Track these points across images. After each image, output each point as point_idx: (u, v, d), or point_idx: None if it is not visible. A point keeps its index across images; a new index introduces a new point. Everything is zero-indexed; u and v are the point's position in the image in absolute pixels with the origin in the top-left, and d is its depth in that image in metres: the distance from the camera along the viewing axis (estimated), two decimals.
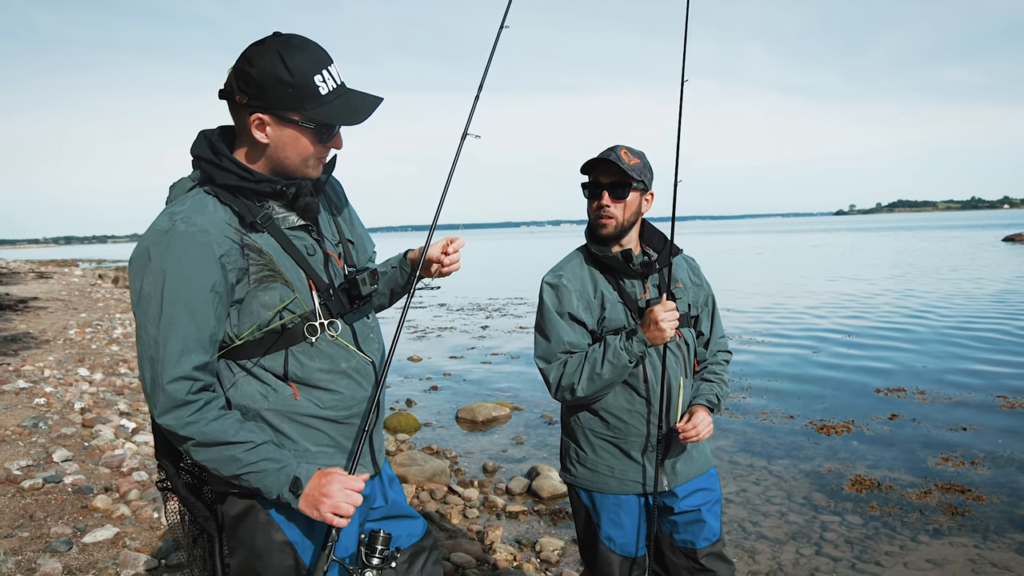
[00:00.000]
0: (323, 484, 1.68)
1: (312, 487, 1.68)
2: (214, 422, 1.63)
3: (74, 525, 4.27)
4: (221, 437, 1.63)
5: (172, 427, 1.62)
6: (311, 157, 1.75)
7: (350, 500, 1.67)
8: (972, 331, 11.72)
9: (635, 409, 2.42)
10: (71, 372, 8.85)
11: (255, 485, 1.67)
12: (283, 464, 1.68)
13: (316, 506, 1.66)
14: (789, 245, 50.36)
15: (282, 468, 1.68)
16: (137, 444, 5.99)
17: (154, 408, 1.62)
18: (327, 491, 1.66)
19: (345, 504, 1.66)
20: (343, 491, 1.67)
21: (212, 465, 1.66)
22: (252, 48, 1.66)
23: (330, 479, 1.69)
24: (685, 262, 2.61)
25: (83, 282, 27.34)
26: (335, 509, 1.66)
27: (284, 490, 1.67)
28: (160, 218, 1.65)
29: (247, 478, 1.66)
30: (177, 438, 1.64)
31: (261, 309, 1.70)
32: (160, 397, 1.60)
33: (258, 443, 1.67)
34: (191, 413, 1.61)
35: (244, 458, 1.65)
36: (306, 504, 1.67)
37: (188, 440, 1.63)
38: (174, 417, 1.61)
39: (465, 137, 2.03)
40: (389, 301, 2.20)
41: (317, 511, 1.66)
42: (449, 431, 7.46)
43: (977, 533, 4.54)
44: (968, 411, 7.23)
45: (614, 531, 2.47)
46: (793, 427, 6.96)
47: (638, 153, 2.43)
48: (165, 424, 1.62)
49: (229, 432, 1.64)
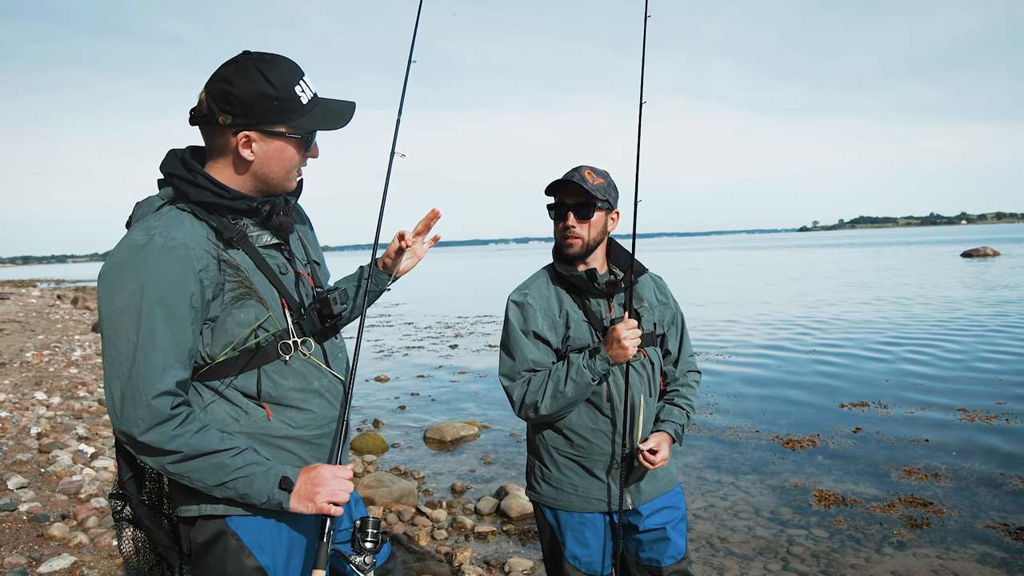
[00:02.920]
0: (314, 476, 1.68)
1: (302, 482, 1.68)
2: (199, 433, 1.61)
3: (29, 555, 4.13)
4: (208, 447, 1.61)
5: (157, 443, 1.57)
6: (294, 168, 1.77)
7: (344, 487, 1.68)
8: (932, 345, 11.95)
9: (599, 428, 2.42)
10: (27, 396, 8.61)
11: (242, 491, 1.64)
12: (269, 466, 1.68)
13: (311, 498, 1.66)
14: (754, 261, 51.09)
15: (269, 469, 1.67)
16: (96, 470, 5.84)
17: (134, 426, 1.56)
18: (320, 481, 1.67)
19: (341, 491, 1.67)
20: (335, 479, 1.68)
21: (196, 476, 1.62)
22: (227, 68, 1.66)
23: (319, 471, 1.69)
24: (652, 280, 2.63)
25: (41, 303, 26.74)
26: (332, 497, 1.66)
27: (274, 490, 1.65)
28: (135, 233, 1.62)
29: (234, 484, 1.63)
30: (159, 453, 1.59)
31: (236, 327, 1.68)
32: (143, 413, 1.55)
33: (243, 448, 1.66)
34: (175, 427, 1.58)
35: (231, 463, 1.63)
36: (299, 500, 1.67)
37: (173, 454, 1.59)
38: (159, 432, 1.57)
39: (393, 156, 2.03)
40: (360, 313, 2.20)
41: (313, 503, 1.66)
42: (417, 451, 7.39)
43: (939, 545, 4.61)
44: (929, 424, 7.36)
45: (579, 549, 2.47)
46: (759, 442, 7.02)
47: (602, 173, 2.45)
48: (149, 440, 1.57)
49: (214, 441, 1.62)
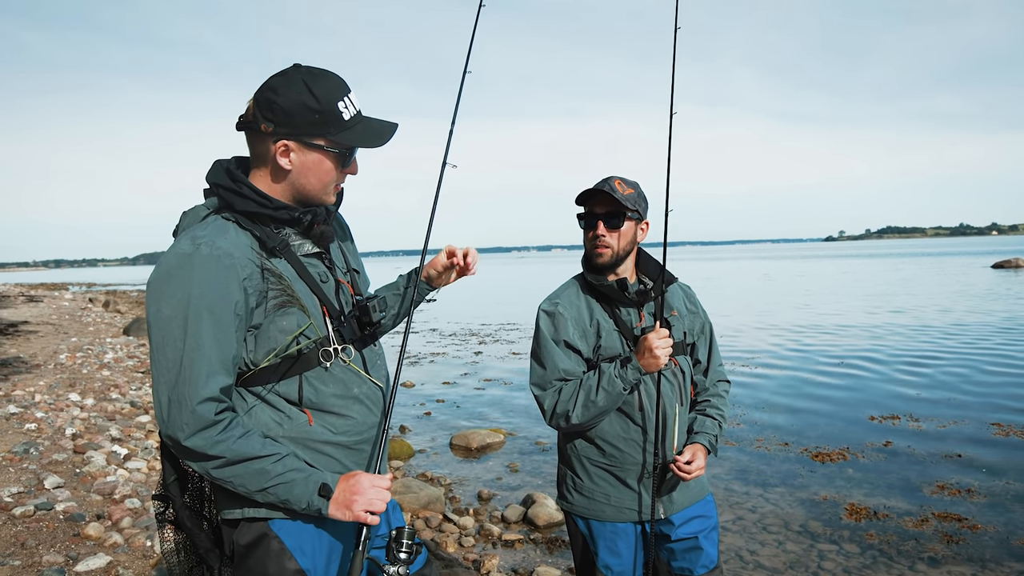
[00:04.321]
0: (352, 484, 1.71)
1: (341, 490, 1.71)
2: (241, 439, 1.64)
3: (66, 553, 4.22)
4: (250, 452, 1.64)
5: (201, 447, 1.61)
6: (331, 182, 1.81)
7: (380, 496, 1.70)
8: (965, 357, 11.75)
9: (631, 437, 2.42)
10: (62, 397, 8.78)
11: (283, 497, 1.68)
12: (309, 472, 1.71)
13: (349, 506, 1.69)
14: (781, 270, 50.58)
15: (309, 476, 1.70)
16: (129, 471, 5.95)
17: (179, 431, 1.60)
18: (358, 489, 1.70)
19: (378, 500, 1.70)
20: (373, 488, 1.70)
21: (239, 481, 1.66)
22: (275, 79, 1.71)
23: (358, 479, 1.72)
24: (681, 290, 2.64)
25: (73, 306, 27.23)
26: (368, 506, 1.68)
27: (314, 497, 1.68)
28: (182, 242, 1.67)
29: (274, 490, 1.67)
30: (204, 458, 1.63)
31: (279, 334, 1.72)
32: (188, 418, 1.59)
33: (284, 455, 1.69)
34: (219, 432, 1.62)
35: (272, 469, 1.66)
36: (337, 507, 1.69)
37: (217, 459, 1.63)
38: (203, 438, 1.61)
39: (445, 166, 2.10)
40: (400, 321, 2.25)
41: (350, 511, 1.68)
42: (443, 458, 7.42)
43: (974, 562, 4.52)
44: (962, 439, 7.23)
45: (611, 559, 2.47)
46: (788, 455, 6.95)
47: (632, 183, 2.46)
48: (193, 446, 1.61)
49: (256, 447, 1.66)
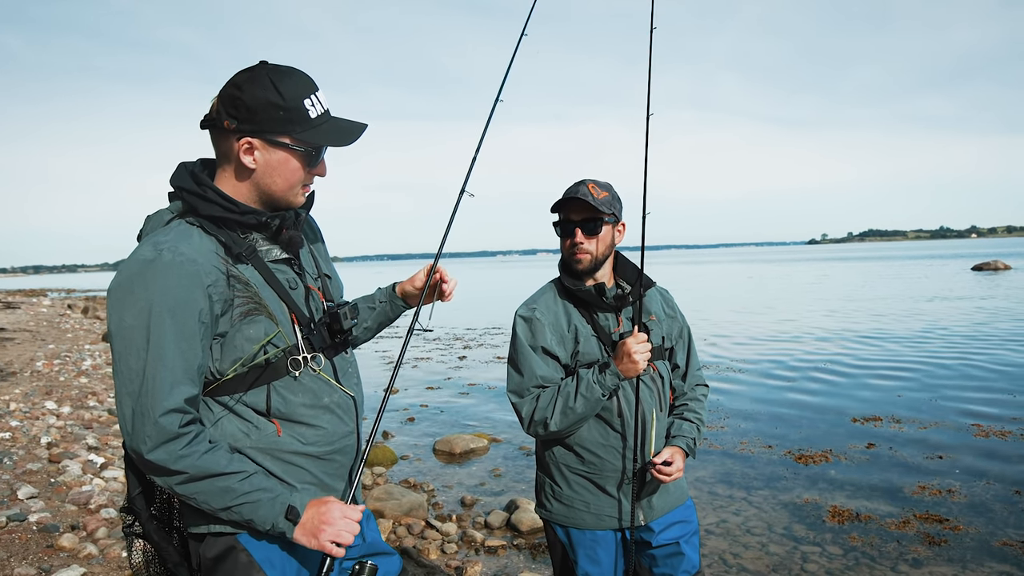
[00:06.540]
0: (322, 512, 1.64)
1: (309, 515, 1.65)
2: (206, 454, 1.58)
3: (39, 566, 4.13)
4: (214, 469, 1.58)
5: (163, 462, 1.55)
6: (298, 183, 1.74)
7: (350, 529, 1.64)
8: (946, 359, 11.85)
9: (609, 444, 2.39)
10: (38, 405, 8.65)
11: (247, 516, 1.62)
12: (277, 493, 1.65)
13: (315, 534, 1.62)
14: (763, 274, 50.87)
15: (276, 497, 1.64)
16: (106, 480, 5.85)
17: (142, 444, 1.54)
18: (327, 519, 1.63)
19: (346, 532, 1.63)
20: (343, 519, 1.65)
21: (202, 498, 1.60)
22: (240, 75, 1.66)
23: (329, 507, 1.66)
24: (659, 294, 2.61)
25: (52, 312, 26.92)
26: (336, 537, 1.62)
27: (279, 519, 1.62)
28: (143, 248, 1.60)
29: (239, 509, 1.61)
30: (166, 473, 1.57)
31: (245, 343, 1.66)
32: (150, 431, 1.53)
33: (251, 472, 1.63)
34: (183, 446, 1.56)
35: (238, 488, 1.60)
36: (303, 533, 1.63)
37: (180, 474, 1.56)
38: (166, 451, 1.54)
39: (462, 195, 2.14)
40: (373, 335, 2.23)
41: (316, 539, 1.62)
42: (426, 464, 7.36)
43: (956, 563, 4.53)
44: (943, 439, 7.28)
45: (591, 567, 2.43)
46: (771, 457, 6.96)
47: (605, 185, 2.43)
48: (156, 459, 1.54)
49: (222, 463, 1.60)
